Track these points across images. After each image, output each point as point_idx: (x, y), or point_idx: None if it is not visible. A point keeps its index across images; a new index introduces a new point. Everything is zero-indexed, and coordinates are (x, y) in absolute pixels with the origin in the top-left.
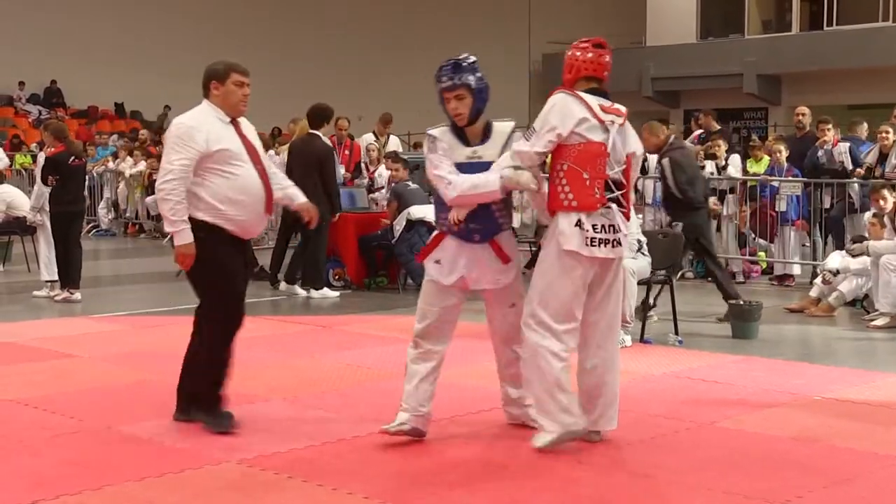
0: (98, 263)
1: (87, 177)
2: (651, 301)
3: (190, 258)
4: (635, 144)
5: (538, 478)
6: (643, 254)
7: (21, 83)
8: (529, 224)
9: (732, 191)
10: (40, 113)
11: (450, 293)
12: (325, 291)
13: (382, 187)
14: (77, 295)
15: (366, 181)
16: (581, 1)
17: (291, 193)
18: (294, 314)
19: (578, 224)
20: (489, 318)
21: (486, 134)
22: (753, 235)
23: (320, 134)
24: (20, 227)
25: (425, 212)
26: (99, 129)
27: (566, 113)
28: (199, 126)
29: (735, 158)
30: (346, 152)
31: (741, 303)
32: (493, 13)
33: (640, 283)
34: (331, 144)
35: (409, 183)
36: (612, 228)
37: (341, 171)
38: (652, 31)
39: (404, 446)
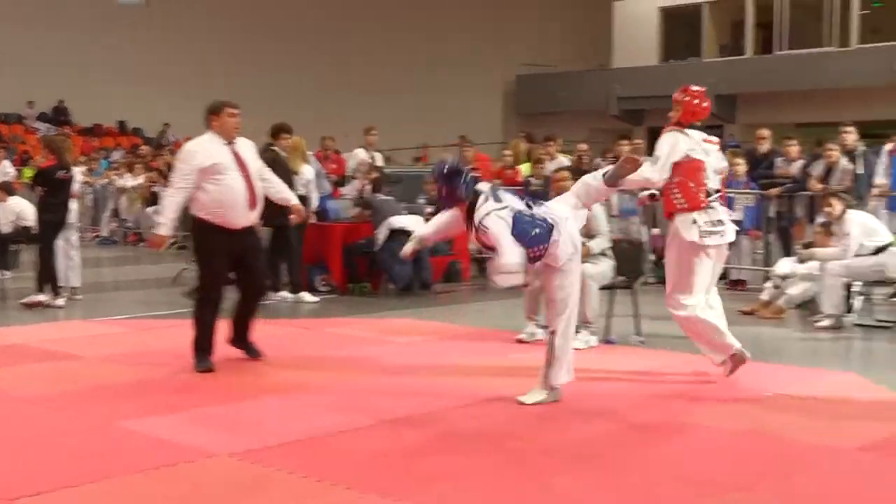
0: (100, 270)
1: (73, 188)
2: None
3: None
4: (723, 162)
5: (513, 473)
6: (607, 258)
7: (30, 102)
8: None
9: None
10: (48, 130)
11: None
12: (303, 295)
13: None
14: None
15: (355, 193)
16: (552, 25)
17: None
18: (281, 318)
19: (694, 222)
20: None
21: None
22: None
23: (276, 147)
24: (27, 237)
25: (406, 222)
26: (103, 145)
27: (676, 144)
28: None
29: None
30: (334, 166)
31: None
32: (469, 35)
33: (603, 287)
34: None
35: (380, 194)
36: (718, 223)
37: (327, 184)
38: (617, 54)
39: (388, 440)
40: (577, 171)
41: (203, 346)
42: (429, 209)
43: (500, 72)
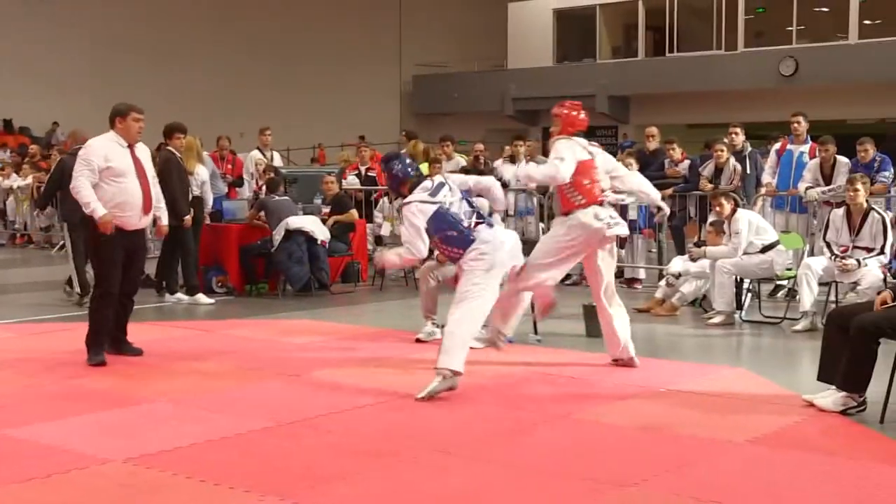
0: None
1: None
2: None
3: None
4: (612, 163)
5: (409, 469)
6: None
7: None
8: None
9: None
10: None
11: None
12: (199, 297)
13: None
14: None
15: (251, 194)
16: (448, 26)
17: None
18: (176, 319)
19: (596, 216)
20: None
21: None
22: None
23: (171, 147)
24: None
25: (302, 222)
26: None
27: (571, 148)
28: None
29: None
30: (229, 166)
31: (593, 304)
32: (365, 35)
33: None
34: (176, 154)
35: (275, 195)
36: (613, 217)
37: (222, 185)
38: (512, 55)
39: (286, 441)
40: (474, 172)
41: (98, 340)
42: (325, 209)
43: (396, 72)
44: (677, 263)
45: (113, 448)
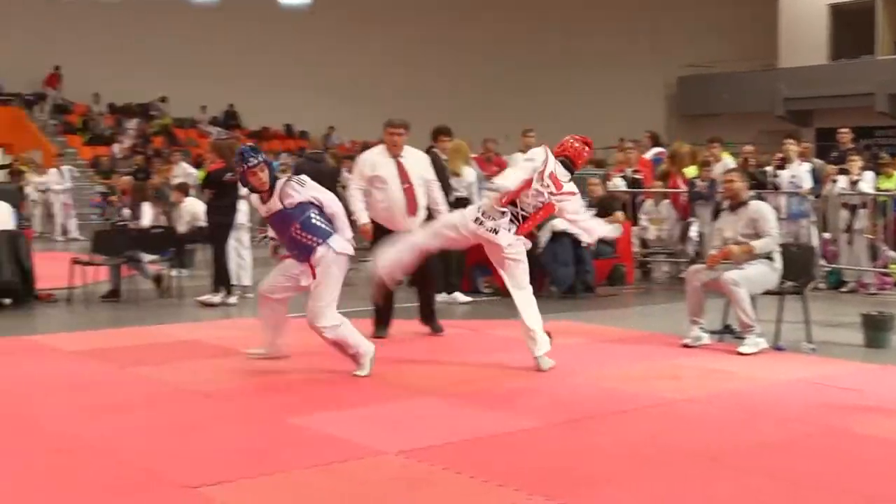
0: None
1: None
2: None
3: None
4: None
5: (676, 475)
6: (771, 262)
7: (203, 107)
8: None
9: (865, 205)
10: (219, 134)
11: None
12: (456, 295)
13: None
14: (232, 299)
15: None
16: (715, 25)
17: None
18: (439, 318)
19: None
20: None
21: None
22: (885, 248)
23: (436, 149)
24: (202, 237)
25: (567, 224)
26: (270, 148)
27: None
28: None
29: (868, 174)
30: (495, 168)
31: (874, 313)
32: (629, 36)
33: (770, 292)
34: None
35: None
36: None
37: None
38: (784, 54)
39: (554, 442)
40: (744, 174)
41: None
42: (591, 210)
43: (661, 73)
44: None
45: (386, 440)
